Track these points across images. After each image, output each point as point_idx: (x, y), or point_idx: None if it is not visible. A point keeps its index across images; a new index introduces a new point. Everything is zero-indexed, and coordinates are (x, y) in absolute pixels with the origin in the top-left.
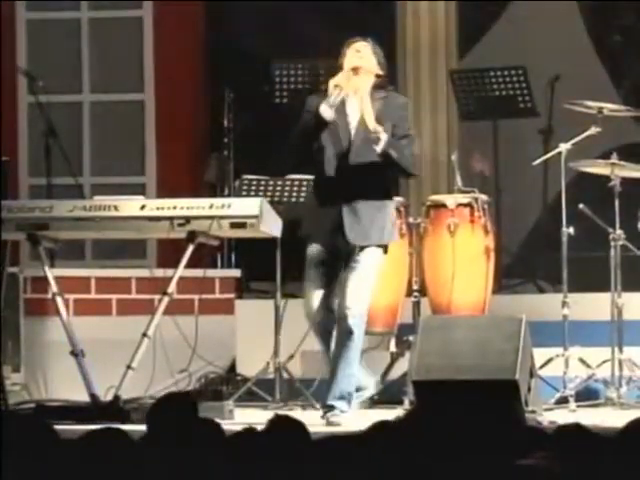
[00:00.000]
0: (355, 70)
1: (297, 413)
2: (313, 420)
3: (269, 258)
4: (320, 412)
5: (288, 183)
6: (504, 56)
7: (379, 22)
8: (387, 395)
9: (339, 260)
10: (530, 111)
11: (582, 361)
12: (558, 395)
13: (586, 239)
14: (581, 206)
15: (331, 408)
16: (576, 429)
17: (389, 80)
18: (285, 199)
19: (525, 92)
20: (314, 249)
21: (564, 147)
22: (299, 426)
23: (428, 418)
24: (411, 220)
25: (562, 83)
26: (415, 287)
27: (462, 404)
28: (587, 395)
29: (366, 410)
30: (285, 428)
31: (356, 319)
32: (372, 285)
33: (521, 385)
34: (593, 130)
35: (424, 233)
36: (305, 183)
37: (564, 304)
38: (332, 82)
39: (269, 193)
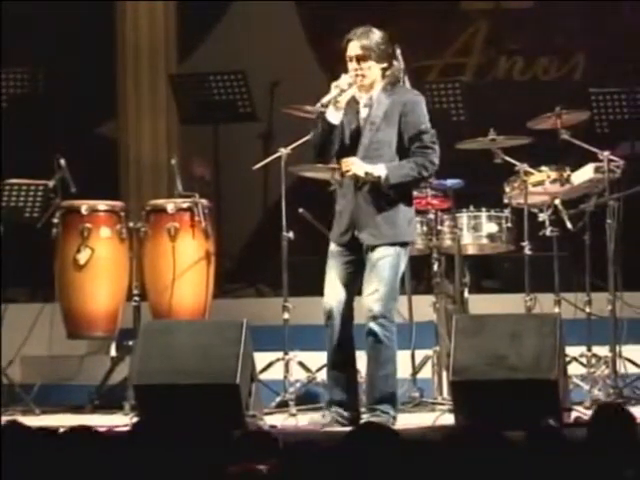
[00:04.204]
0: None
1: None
2: None
3: None
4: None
5: (7, 188)
6: (225, 60)
7: (99, 21)
8: (108, 400)
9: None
10: (250, 116)
11: (302, 365)
12: (279, 399)
13: (306, 243)
14: (301, 210)
15: (373, 411)
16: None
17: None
18: (4, 203)
19: (245, 97)
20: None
21: (284, 152)
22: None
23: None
24: (131, 225)
25: (282, 88)
26: (135, 292)
27: (183, 408)
28: (307, 399)
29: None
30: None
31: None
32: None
33: (242, 389)
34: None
35: (144, 238)
36: (25, 187)
37: (284, 308)
38: (334, 84)
39: None
